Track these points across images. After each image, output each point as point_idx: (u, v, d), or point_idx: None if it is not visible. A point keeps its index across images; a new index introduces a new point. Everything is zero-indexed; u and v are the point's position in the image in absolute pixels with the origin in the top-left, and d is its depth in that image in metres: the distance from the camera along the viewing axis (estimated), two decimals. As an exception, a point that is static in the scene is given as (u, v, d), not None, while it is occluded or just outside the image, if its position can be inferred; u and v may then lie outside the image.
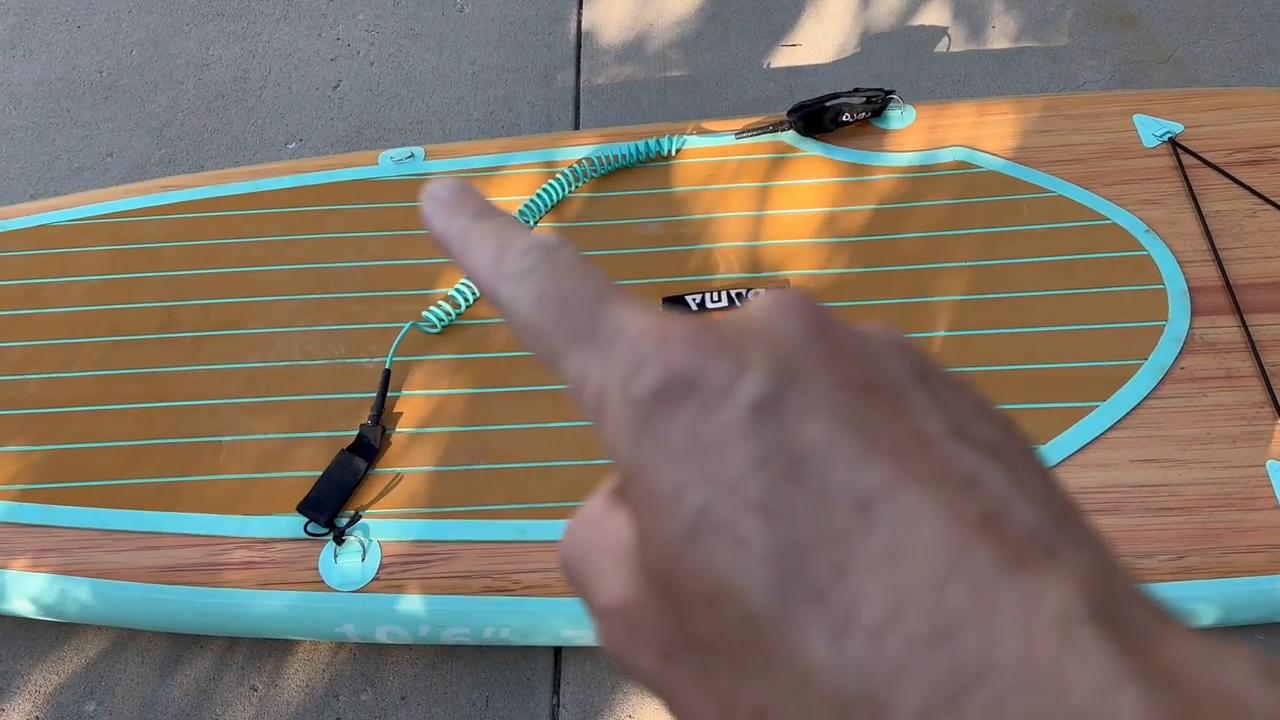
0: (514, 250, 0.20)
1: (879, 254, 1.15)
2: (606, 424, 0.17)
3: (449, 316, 1.12)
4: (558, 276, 0.19)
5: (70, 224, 1.26)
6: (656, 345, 0.16)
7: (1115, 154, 1.20)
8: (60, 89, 1.76)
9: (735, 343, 0.16)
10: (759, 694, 0.15)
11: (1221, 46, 1.64)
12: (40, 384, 1.12)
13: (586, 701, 1.05)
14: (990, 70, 1.64)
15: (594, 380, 0.17)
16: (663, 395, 0.16)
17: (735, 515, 0.15)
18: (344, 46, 1.79)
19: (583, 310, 0.18)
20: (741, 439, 0.15)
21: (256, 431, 1.06)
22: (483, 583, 0.95)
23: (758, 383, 0.16)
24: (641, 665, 0.17)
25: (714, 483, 0.15)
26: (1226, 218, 1.14)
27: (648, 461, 0.16)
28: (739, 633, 0.15)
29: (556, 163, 1.26)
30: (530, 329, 0.19)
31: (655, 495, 0.16)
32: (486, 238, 0.20)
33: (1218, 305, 1.07)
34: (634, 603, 0.17)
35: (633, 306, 0.18)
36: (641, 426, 0.16)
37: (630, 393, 0.16)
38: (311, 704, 1.06)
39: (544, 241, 0.20)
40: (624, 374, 0.17)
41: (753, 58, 1.70)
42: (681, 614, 0.16)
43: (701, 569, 0.15)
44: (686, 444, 0.15)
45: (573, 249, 0.20)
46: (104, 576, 0.98)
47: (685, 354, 0.16)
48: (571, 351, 0.18)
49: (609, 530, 0.18)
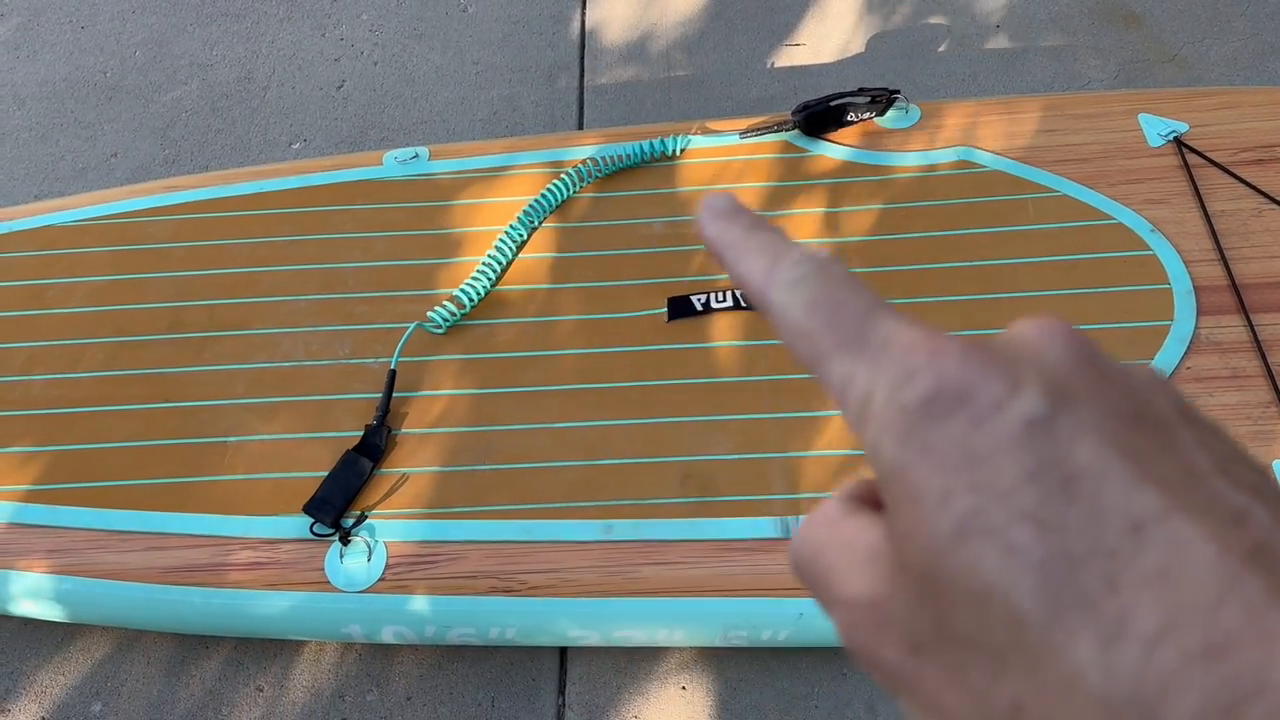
0: (788, 260, 0.21)
1: (883, 254, 1.14)
2: (870, 426, 0.18)
3: (454, 317, 1.12)
4: (830, 286, 0.20)
5: (75, 225, 1.26)
6: (929, 357, 0.18)
7: (1120, 153, 1.20)
8: (64, 89, 1.77)
9: (1007, 363, 0.18)
10: (1019, 689, 0.16)
11: (1226, 45, 1.64)
12: (46, 385, 1.12)
13: (592, 702, 1.05)
14: (994, 69, 1.64)
15: (860, 385, 0.19)
16: (933, 404, 0.17)
17: (1006, 522, 0.16)
18: (348, 47, 1.79)
19: (854, 319, 0.20)
20: (1014, 452, 0.16)
21: (262, 432, 1.06)
22: (488, 583, 0.96)
23: (1032, 401, 0.17)
24: (885, 657, 0.19)
25: (983, 490, 0.16)
26: (1232, 217, 1.14)
27: (913, 464, 0.17)
28: (1003, 631, 0.16)
29: (561, 163, 1.26)
30: (799, 333, 0.20)
31: (921, 496, 0.17)
32: (761, 247, 0.22)
33: (1223, 305, 1.07)
34: (882, 597, 0.18)
35: (903, 320, 0.19)
36: (909, 431, 0.17)
37: (900, 399, 0.18)
38: (317, 704, 1.07)
39: (817, 254, 0.21)
40: (894, 381, 0.18)
41: (757, 57, 1.70)
42: (940, 609, 0.17)
43: (967, 569, 0.16)
44: (956, 452, 0.17)
45: (843, 264, 0.21)
46: (110, 577, 0.98)
47: (958, 368, 0.17)
48: (839, 356, 0.19)
49: (850, 530, 0.20)
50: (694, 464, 1.00)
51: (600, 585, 0.95)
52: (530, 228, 1.20)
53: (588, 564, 0.96)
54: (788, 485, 0.98)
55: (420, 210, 1.23)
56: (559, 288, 1.15)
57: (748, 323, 1.09)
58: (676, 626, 0.96)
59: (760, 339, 1.08)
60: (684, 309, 1.11)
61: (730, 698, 1.04)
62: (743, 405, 1.04)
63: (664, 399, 1.05)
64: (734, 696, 1.04)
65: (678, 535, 0.96)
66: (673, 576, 0.95)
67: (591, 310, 1.13)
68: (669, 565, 0.95)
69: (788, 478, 0.99)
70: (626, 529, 0.97)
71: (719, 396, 1.05)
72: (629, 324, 1.11)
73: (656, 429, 1.03)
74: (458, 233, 1.21)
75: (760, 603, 0.94)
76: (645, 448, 1.02)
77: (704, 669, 1.06)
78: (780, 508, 0.97)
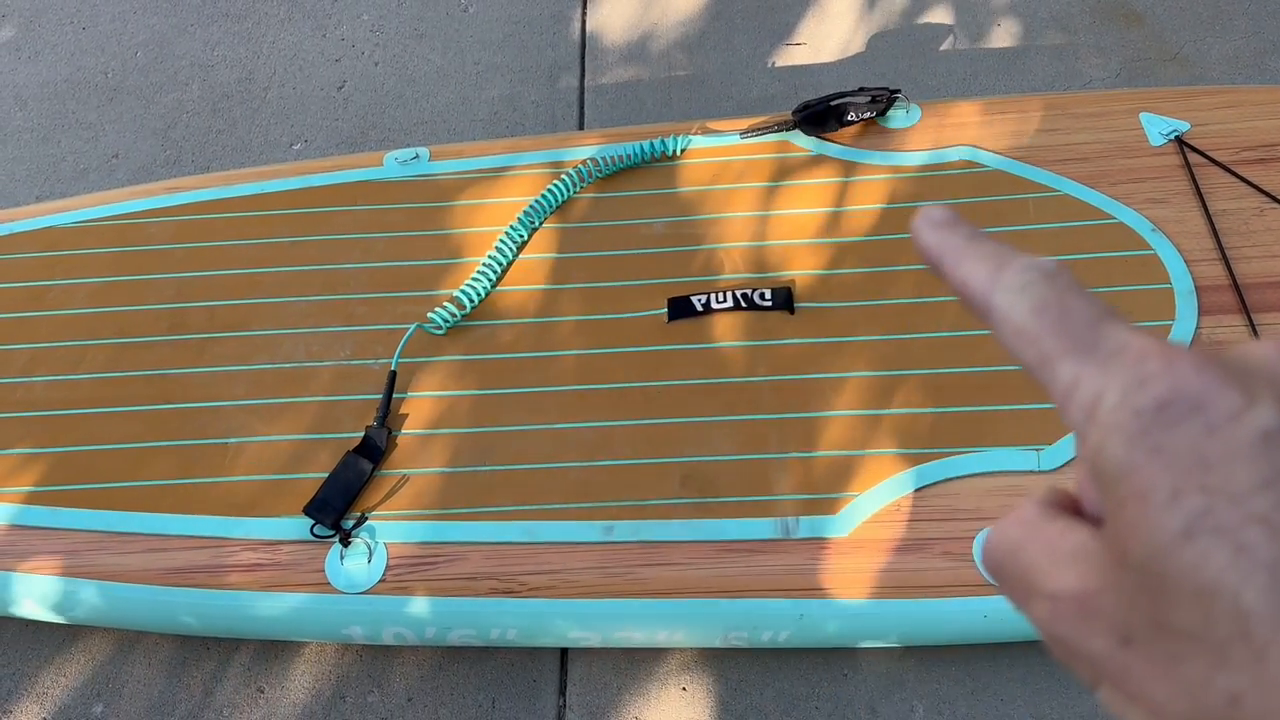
0: (1014, 266, 0.22)
1: (884, 254, 1.14)
2: (1096, 428, 0.19)
3: (454, 318, 1.12)
4: (1058, 292, 0.21)
5: (76, 226, 1.26)
6: (1165, 365, 0.19)
7: (1121, 153, 1.20)
8: (65, 90, 1.77)
9: (1241, 376, 0.18)
10: (1239, 683, 0.17)
11: (1228, 44, 1.63)
12: (47, 386, 1.12)
13: (592, 703, 1.05)
14: (995, 68, 1.64)
15: (1090, 388, 0.20)
16: (1167, 410, 0.18)
17: (1238, 524, 0.17)
18: (348, 47, 1.79)
19: (1084, 324, 0.21)
20: (1248, 460, 0.17)
21: (263, 433, 1.06)
22: (489, 584, 0.96)
23: (1268, 414, 0.18)
24: (1091, 648, 0.20)
25: (1215, 493, 0.17)
26: (1233, 216, 1.13)
27: (1143, 465, 0.18)
28: (1227, 627, 0.17)
29: (561, 163, 1.26)
30: (1023, 335, 0.21)
31: (1149, 495, 0.18)
32: (984, 254, 0.23)
33: (1225, 304, 1.07)
34: (1090, 591, 0.20)
35: (1135, 329, 0.20)
36: (1140, 434, 0.18)
37: (1134, 402, 0.18)
38: (318, 705, 1.07)
39: (1043, 262, 0.22)
40: (1127, 386, 0.19)
41: (757, 57, 1.70)
42: (1159, 603, 0.18)
43: (1194, 565, 0.17)
44: (1188, 455, 0.18)
45: (1070, 272, 0.22)
46: (111, 579, 0.99)
47: (1195, 377, 0.18)
48: (1066, 359, 0.20)
49: (1052, 531, 0.21)
50: (694, 465, 1.00)
51: (600, 586, 0.95)
52: (531, 228, 1.20)
53: (588, 565, 0.96)
54: (788, 486, 0.98)
55: (421, 211, 1.23)
56: (559, 288, 1.15)
57: (748, 323, 1.09)
58: (677, 628, 0.96)
59: (761, 339, 1.08)
60: (684, 310, 1.11)
61: (731, 699, 1.04)
62: (743, 406, 1.04)
63: (664, 400, 1.05)
64: (735, 697, 1.04)
65: (678, 536, 0.96)
66: (673, 577, 0.95)
67: (592, 311, 1.13)
68: (669, 566, 0.95)
69: (788, 478, 0.99)
70: (627, 530, 0.97)
71: (719, 397, 1.05)
72: (629, 325, 1.11)
73: (657, 430, 1.03)
74: (458, 233, 1.21)
75: (761, 604, 0.94)
76: (646, 448, 1.02)
77: (705, 670, 1.06)
78: (781, 509, 0.97)
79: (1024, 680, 1.03)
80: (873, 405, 1.03)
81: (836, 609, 0.94)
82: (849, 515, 0.96)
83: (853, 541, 0.95)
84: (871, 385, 1.04)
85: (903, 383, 1.04)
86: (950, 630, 0.95)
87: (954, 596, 0.92)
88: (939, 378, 1.04)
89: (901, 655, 1.05)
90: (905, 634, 0.97)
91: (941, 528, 0.95)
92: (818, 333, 1.08)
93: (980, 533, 0.94)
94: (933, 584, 0.92)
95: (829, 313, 1.10)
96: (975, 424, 1.00)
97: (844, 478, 0.98)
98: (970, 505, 0.95)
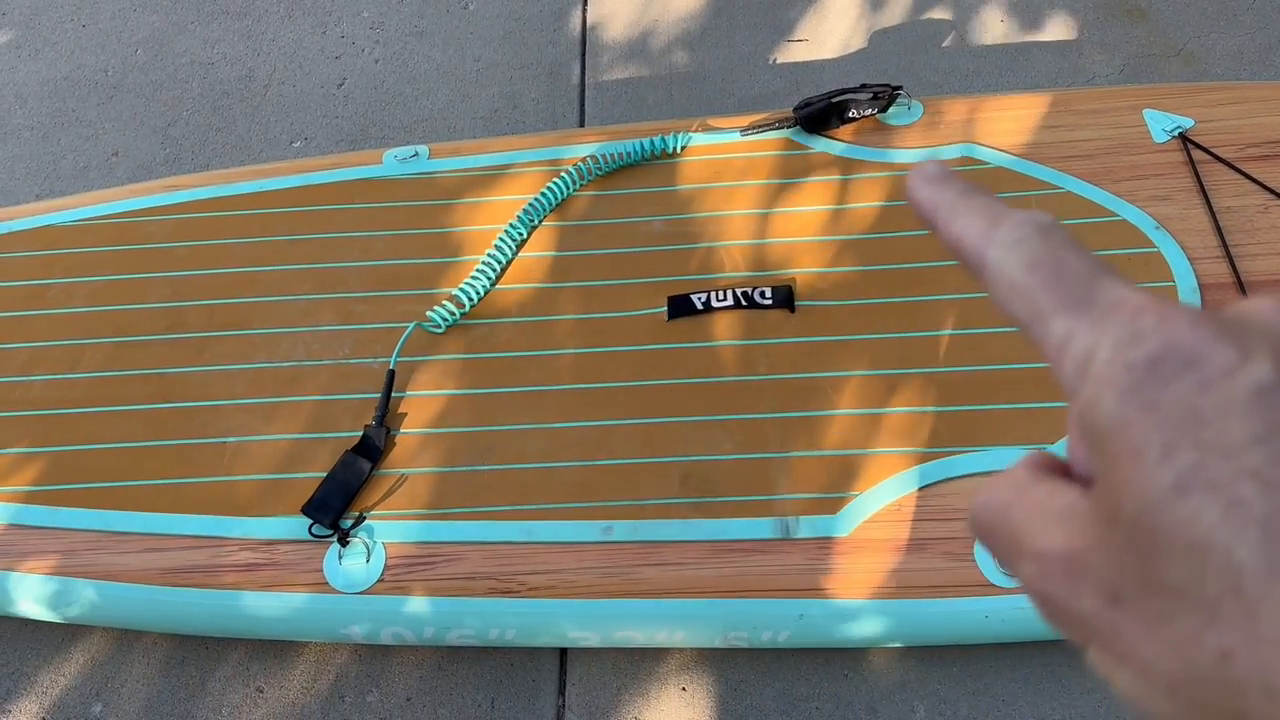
0: (1009, 221, 0.22)
1: (885, 252, 1.14)
2: (1089, 383, 0.19)
3: (453, 316, 1.11)
4: (1053, 246, 0.21)
5: (75, 224, 1.26)
6: (1159, 320, 0.18)
7: (1125, 149, 1.19)
8: (65, 88, 1.76)
9: (1237, 332, 0.18)
10: (1230, 639, 0.17)
11: (1233, 39, 1.62)
12: (46, 385, 1.12)
13: (592, 703, 1.05)
14: (998, 64, 1.63)
15: (1083, 343, 0.19)
16: (1160, 364, 0.18)
17: (1231, 479, 0.17)
18: (348, 44, 1.78)
19: (1078, 279, 0.20)
20: (1242, 415, 0.17)
21: (261, 432, 1.06)
22: (488, 584, 0.95)
23: (1263, 370, 0.17)
24: (1080, 607, 0.19)
25: (1209, 448, 0.17)
26: (1238, 214, 1.12)
27: (1135, 421, 0.18)
28: (1218, 583, 0.17)
29: (561, 161, 1.25)
30: (1016, 290, 0.21)
31: (1142, 450, 0.18)
32: (978, 209, 0.23)
33: (1229, 303, 1.06)
34: (1078, 549, 0.20)
35: (1130, 285, 0.20)
36: (1133, 389, 0.18)
37: (1127, 357, 0.18)
38: (317, 705, 1.06)
39: (1038, 216, 0.22)
40: (1121, 340, 0.19)
41: (758, 53, 1.69)
42: (1149, 560, 0.18)
43: (1186, 521, 0.17)
44: (1181, 411, 0.17)
45: (1064, 229, 0.22)
46: (109, 578, 0.98)
47: (1189, 332, 0.18)
48: (1060, 314, 0.20)
49: (1040, 492, 0.21)
50: (694, 464, 1.00)
51: (600, 586, 0.94)
52: (530, 226, 1.19)
53: (587, 565, 0.95)
54: (788, 485, 0.98)
55: (420, 209, 1.23)
56: (559, 287, 1.15)
57: (748, 322, 1.09)
58: (676, 628, 0.96)
59: (761, 338, 1.08)
60: (684, 308, 1.10)
61: (731, 698, 1.04)
62: (743, 405, 1.03)
63: (664, 399, 1.04)
64: (735, 697, 1.04)
65: (677, 536, 0.96)
66: (673, 577, 0.94)
67: (591, 309, 1.12)
68: (669, 566, 0.95)
69: (788, 478, 0.98)
70: (626, 530, 0.96)
71: (719, 396, 1.04)
72: (629, 323, 1.10)
73: (656, 429, 1.02)
74: (457, 231, 1.21)
75: (761, 604, 0.93)
76: (645, 448, 1.01)
77: (705, 670, 1.06)
78: (781, 508, 0.96)
79: (1026, 681, 1.03)
80: (873, 404, 1.02)
81: (837, 609, 0.93)
82: (850, 515, 0.95)
83: (853, 541, 0.94)
84: (872, 384, 1.03)
85: (904, 382, 1.03)
86: (951, 630, 0.95)
87: (955, 597, 0.92)
88: (940, 376, 1.03)
89: (902, 655, 1.05)
90: (906, 634, 0.97)
91: (943, 528, 0.94)
92: (818, 331, 1.08)
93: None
94: (934, 584, 0.92)
95: (830, 311, 1.09)
96: (977, 423, 0.99)
97: (845, 477, 0.98)
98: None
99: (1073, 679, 1.02)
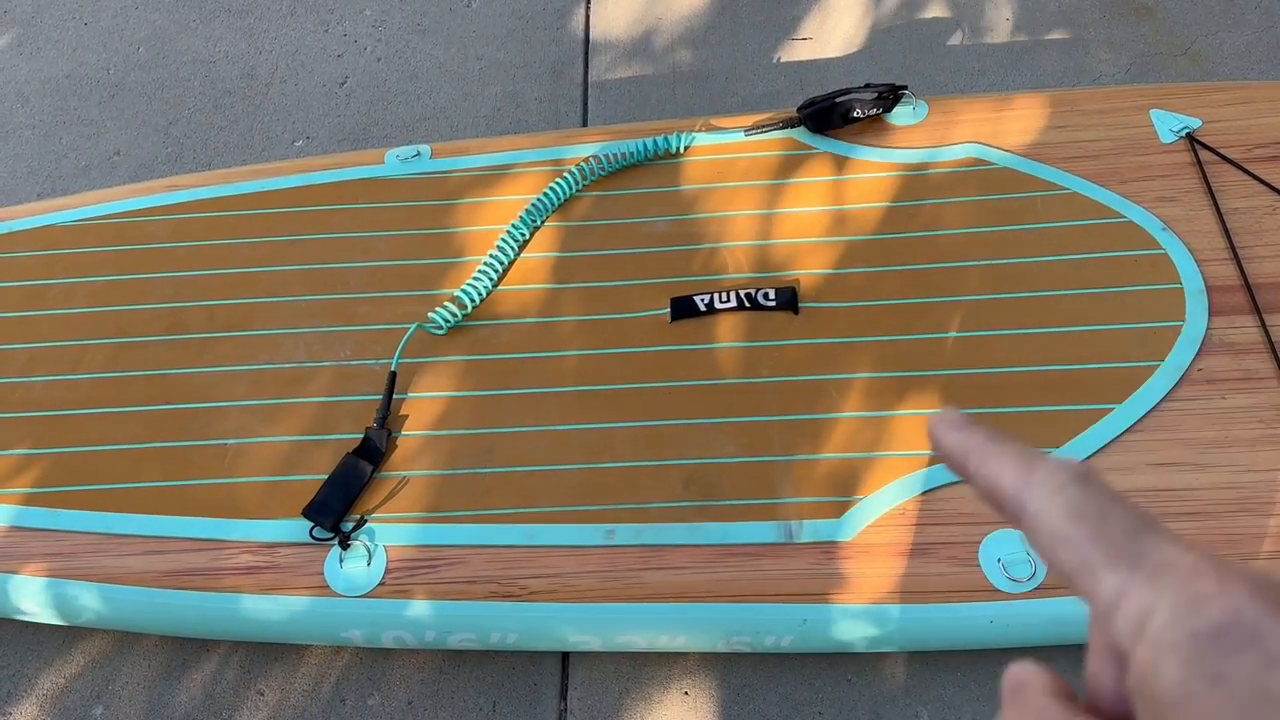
0: (1044, 468, 0.22)
1: (890, 253, 1.13)
2: (1147, 646, 0.19)
3: (455, 318, 1.11)
4: (1094, 496, 0.21)
5: (76, 224, 1.25)
6: (1218, 586, 0.18)
7: (1131, 150, 1.18)
8: (67, 87, 1.76)
9: None
10: None
11: (1240, 38, 1.61)
12: (46, 386, 1.11)
13: (594, 707, 1.04)
14: (1004, 64, 1.62)
15: (1137, 602, 0.19)
16: (1225, 636, 0.18)
17: None
18: (351, 43, 1.77)
19: (1125, 534, 0.20)
20: None
21: (262, 434, 1.05)
22: (489, 588, 0.95)
23: None
24: None
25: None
26: (1245, 215, 1.12)
27: (1203, 694, 0.18)
28: None
29: (564, 161, 1.24)
30: (1060, 539, 0.21)
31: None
32: (1011, 454, 0.23)
33: (1236, 305, 1.05)
34: None
35: (1180, 542, 0.20)
36: (1198, 659, 0.18)
37: (1190, 624, 0.18)
38: (318, 709, 1.06)
39: (1074, 463, 0.22)
40: (1179, 605, 0.19)
41: (762, 52, 1.68)
42: None
43: None
44: (1249, 690, 0.17)
45: (1102, 476, 0.22)
46: (109, 581, 0.98)
47: (1251, 603, 0.18)
48: (1109, 570, 0.20)
49: None
50: (697, 467, 0.99)
51: (602, 590, 0.94)
52: (532, 227, 1.19)
53: (589, 569, 0.94)
54: (792, 489, 0.97)
55: (422, 209, 1.22)
56: (561, 288, 1.14)
57: (751, 324, 1.08)
58: (679, 632, 0.95)
59: (764, 340, 1.07)
60: (687, 309, 1.10)
61: (734, 703, 1.03)
62: (747, 408, 1.02)
63: (667, 401, 1.04)
64: (737, 702, 1.03)
65: (680, 540, 0.95)
66: (675, 581, 0.93)
67: (594, 311, 1.12)
68: (671, 570, 0.94)
69: (792, 481, 0.97)
70: (628, 533, 0.96)
71: (722, 399, 1.03)
72: (632, 325, 1.10)
73: (659, 431, 1.02)
74: (459, 232, 1.20)
75: (764, 608, 0.93)
76: (648, 451, 1.01)
77: (707, 674, 1.05)
78: (784, 512, 0.96)
79: (1030, 685, 1.02)
80: (878, 407, 1.01)
81: (840, 614, 0.92)
82: (853, 519, 0.95)
83: (857, 546, 0.93)
84: (876, 387, 1.03)
85: (908, 385, 1.03)
86: (956, 636, 0.94)
87: (959, 602, 0.91)
88: (945, 380, 1.03)
89: (907, 660, 1.04)
90: (910, 639, 0.96)
91: (947, 532, 0.93)
92: (822, 333, 1.07)
93: (986, 537, 0.93)
94: (938, 589, 0.91)
95: (833, 313, 1.08)
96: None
97: (848, 481, 0.97)
98: (976, 510, 0.94)
99: (1077, 686, 1.01)
